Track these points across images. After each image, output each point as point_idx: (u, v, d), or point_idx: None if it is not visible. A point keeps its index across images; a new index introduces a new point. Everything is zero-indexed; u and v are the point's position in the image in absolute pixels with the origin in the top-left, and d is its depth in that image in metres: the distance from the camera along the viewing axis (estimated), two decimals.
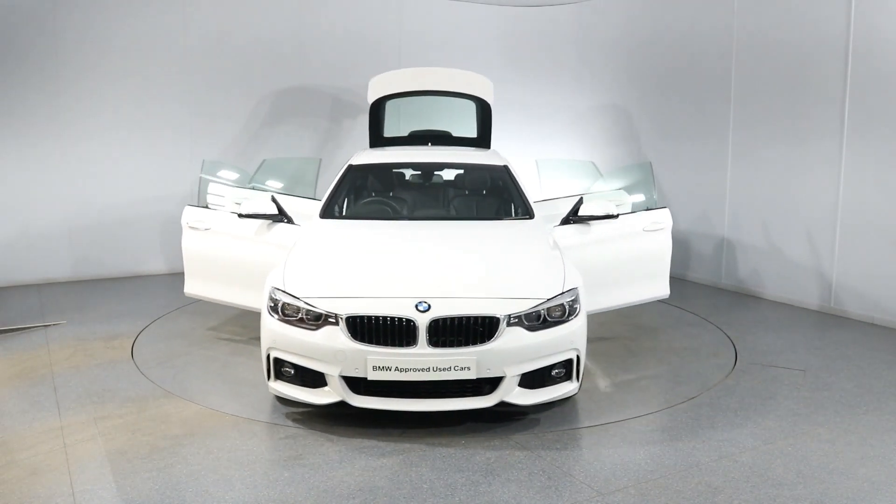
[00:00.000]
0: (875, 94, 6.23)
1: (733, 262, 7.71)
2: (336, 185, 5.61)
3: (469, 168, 5.97)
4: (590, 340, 5.87)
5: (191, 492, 3.41)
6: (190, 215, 5.58)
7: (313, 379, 4.06)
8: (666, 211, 5.69)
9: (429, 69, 7.30)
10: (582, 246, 5.29)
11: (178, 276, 7.92)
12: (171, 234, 8.08)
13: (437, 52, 9.43)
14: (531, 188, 7.01)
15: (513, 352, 3.92)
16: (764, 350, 5.68)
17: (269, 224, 5.32)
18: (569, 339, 4.07)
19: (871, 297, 6.44)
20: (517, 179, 5.63)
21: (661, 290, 5.68)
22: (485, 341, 3.90)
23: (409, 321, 3.88)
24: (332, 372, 3.96)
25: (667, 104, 8.39)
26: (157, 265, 8.19)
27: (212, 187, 6.19)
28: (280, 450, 3.85)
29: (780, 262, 7.22)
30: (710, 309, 6.93)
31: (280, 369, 4.15)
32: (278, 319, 4.10)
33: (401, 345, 3.88)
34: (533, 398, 4.06)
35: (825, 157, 6.66)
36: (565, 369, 4.14)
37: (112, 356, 5.35)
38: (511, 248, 4.71)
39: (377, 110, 7.02)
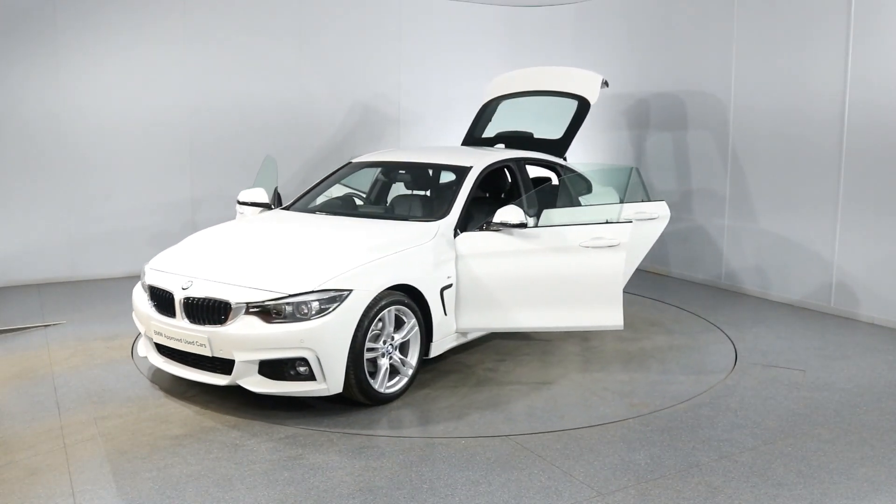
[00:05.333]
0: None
1: (733, 262, 7.71)
2: (321, 180, 6.07)
3: (437, 168, 5.87)
4: (589, 339, 5.89)
5: (191, 492, 3.41)
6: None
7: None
8: (626, 227, 4.96)
9: (543, 68, 7.27)
10: (499, 255, 4.91)
11: None
12: (172, 233, 8.09)
13: (437, 53, 9.43)
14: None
15: (241, 338, 4.14)
16: (764, 350, 5.68)
17: (261, 211, 5.85)
18: (298, 338, 4.07)
19: (871, 297, 6.44)
20: (466, 181, 5.34)
21: (611, 319, 4.97)
22: (220, 324, 4.21)
23: (170, 295, 4.42)
24: (142, 331, 4.74)
25: (667, 102, 8.39)
26: None
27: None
28: (280, 450, 3.85)
29: (780, 262, 7.22)
30: (710, 309, 6.92)
31: None
32: (140, 286, 4.88)
33: (169, 315, 4.43)
34: (268, 388, 4.21)
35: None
36: (309, 368, 4.14)
37: (112, 356, 5.35)
38: (333, 245, 4.67)
39: (484, 111, 7.24)
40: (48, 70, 7.42)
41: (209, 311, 4.26)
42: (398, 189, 6.12)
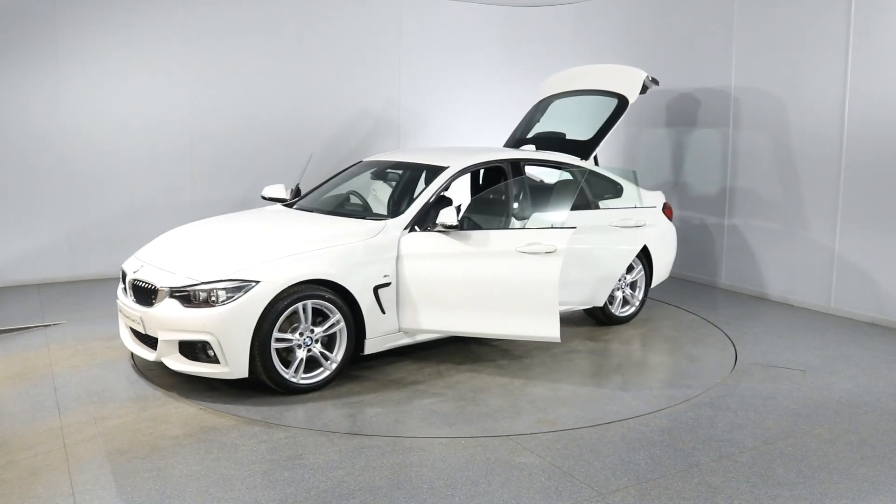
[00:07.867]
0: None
1: (733, 262, 7.71)
2: (328, 178, 6.22)
3: (417, 168, 5.83)
4: (589, 339, 5.89)
5: (191, 492, 3.41)
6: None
7: None
8: (565, 233, 4.73)
9: (591, 66, 7.23)
10: (435, 256, 4.86)
11: None
12: None
13: (437, 53, 9.43)
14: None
15: (162, 319, 4.49)
16: (764, 350, 5.68)
17: (280, 205, 6.04)
18: (200, 322, 4.36)
19: (871, 297, 6.44)
20: (434, 182, 5.30)
21: (546, 329, 4.72)
22: (150, 305, 4.57)
23: (125, 277, 4.88)
24: (119, 312, 5.04)
25: (667, 103, 8.39)
26: None
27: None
28: (280, 450, 3.85)
29: (780, 261, 7.22)
30: (709, 309, 6.93)
31: None
32: None
33: (125, 295, 4.86)
34: (182, 367, 4.52)
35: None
36: (213, 351, 4.41)
37: (112, 356, 5.35)
38: (264, 239, 4.89)
39: (534, 112, 7.22)
40: (48, 70, 7.42)
41: (145, 293, 4.64)
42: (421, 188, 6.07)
